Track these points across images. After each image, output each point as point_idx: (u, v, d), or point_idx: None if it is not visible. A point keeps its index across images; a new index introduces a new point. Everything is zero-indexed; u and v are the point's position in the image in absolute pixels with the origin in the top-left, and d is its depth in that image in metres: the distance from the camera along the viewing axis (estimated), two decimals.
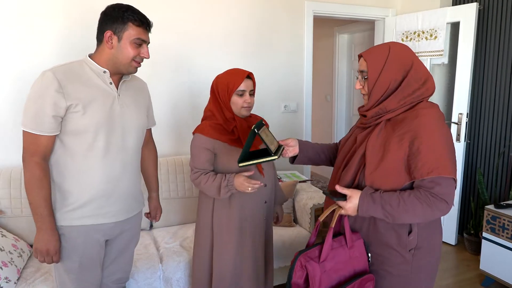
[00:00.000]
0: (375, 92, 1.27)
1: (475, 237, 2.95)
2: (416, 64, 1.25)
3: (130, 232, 1.63)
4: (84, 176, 1.42)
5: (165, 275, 2.07)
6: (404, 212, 1.17)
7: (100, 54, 1.42)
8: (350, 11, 3.29)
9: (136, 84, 1.60)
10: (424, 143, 1.16)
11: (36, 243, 1.38)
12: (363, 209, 1.20)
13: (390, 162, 1.20)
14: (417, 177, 1.16)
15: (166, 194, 2.51)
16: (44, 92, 1.32)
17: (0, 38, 2.26)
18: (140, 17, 1.39)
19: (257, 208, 1.73)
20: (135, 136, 1.54)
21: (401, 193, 1.19)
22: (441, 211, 1.18)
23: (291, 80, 3.17)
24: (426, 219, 1.19)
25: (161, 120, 2.67)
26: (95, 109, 1.39)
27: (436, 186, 1.16)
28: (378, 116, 1.28)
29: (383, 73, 1.24)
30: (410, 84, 1.24)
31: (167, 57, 2.70)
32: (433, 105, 1.26)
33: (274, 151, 1.40)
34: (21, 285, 1.83)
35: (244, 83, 1.65)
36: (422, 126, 1.19)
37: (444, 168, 1.14)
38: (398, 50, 1.26)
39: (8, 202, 2.16)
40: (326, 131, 5.03)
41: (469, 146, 3.12)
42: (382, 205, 1.18)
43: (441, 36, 3.00)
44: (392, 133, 1.23)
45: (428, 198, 1.16)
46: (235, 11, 2.86)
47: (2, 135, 2.33)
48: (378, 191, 1.21)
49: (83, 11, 2.39)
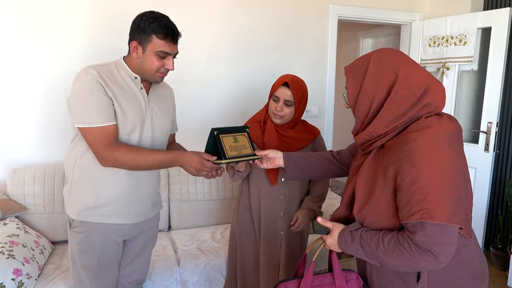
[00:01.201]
0: (357, 114, 1.08)
1: (502, 252, 2.83)
2: (404, 75, 0.99)
3: (148, 233, 1.64)
4: (110, 177, 1.43)
5: (182, 278, 2.06)
6: (385, 258, 0.98)
7: (131, 60, 1.44)
8: (376, 15, 3.22)
9: (164, 90, 1.61)
10: (407, 178, 0.92)
11: (189, 171, 1.38)
12: (341, 246, 1.07)
13: (379, 201, 1.01)
14: (400, 220, 0.96)
15: (185, 196, 2.51)
16: (94, 85, 1.33)
17: (23, 40, 2.30)
18: (165, 30, 1.35)
19: (271, 220, 1.73)
20: (159, 141, 1.55)
21: (383, 235, 0.99)
22: (428, 264, 0.93)
23: (313, 84, 3.12)
24: (411, 268, 0.97)
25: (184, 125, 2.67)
26: (130, 111, 1.41)
27: (419, 232, 0.91)
28: (368, 143, 1.07)
29: (362, 91, 1.04)
30: (397, 103, 0.99)
31: (192, 63, 2.69)
32: (431, 125, 0.97)
33: (230, 156, 1.38)
34: (41, 281, 1.85)
35: (280, 90, 1.64)
36: (406, 156, 0.94)
37: (429, 212, 0.89)
38: (380, 59, 1.03)
39: (32, 199, 2.20)
40: (347, 136, 4.95)
41: (498, 157, 3.00)
42: (361, 245, 1.02)
43: (471, 42, 2.89)
44: (381, 164, 1.03)
45: (410, 246, 0.93)
46: (259, 15, 2.85)
47: (28, 133, 2.39)
48: (361, 229, 1.04)
49: (110, 12, 2.41)
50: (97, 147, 1.35)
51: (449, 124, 0.99)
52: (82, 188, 1.45)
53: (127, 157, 1.36)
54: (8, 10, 2.24)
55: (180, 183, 2.51)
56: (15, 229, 1.97)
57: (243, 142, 1.45)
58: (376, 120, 1.03)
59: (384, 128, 1.02)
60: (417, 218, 0.90)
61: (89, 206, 1.44)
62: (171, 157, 1.41)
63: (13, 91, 2.32)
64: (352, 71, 1.08)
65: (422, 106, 1.00)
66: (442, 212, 0.89)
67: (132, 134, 1.43)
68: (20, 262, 1.76)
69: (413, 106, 0.99)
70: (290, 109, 1.64)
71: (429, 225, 0.90)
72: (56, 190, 2.23)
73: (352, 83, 1.07)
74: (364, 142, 1.08)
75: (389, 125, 1.01)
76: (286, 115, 1.65)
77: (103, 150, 1.34)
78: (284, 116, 1.65)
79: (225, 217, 2.61)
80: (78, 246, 1.47)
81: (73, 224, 1.47)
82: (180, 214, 2.51)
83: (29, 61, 2.33)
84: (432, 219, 0.89)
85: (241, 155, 1.42)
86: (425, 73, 1.03)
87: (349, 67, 1.11)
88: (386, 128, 1.02)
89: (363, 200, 1.06)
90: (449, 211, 0.90)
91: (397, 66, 1.01)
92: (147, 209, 1.57)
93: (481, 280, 1.08)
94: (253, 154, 1.46)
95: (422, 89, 1.00)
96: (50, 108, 2.38)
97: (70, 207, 1.47)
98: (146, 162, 1.39)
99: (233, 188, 2.64)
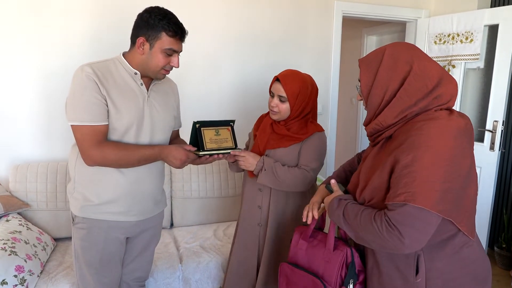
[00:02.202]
0: (370, 105, 1.09)
1: (507, 251, 2.81)
2: (418, 67, 1.01)
3: (152, 231, 1.63)
4: (112, 176, 1.42)
5: (184, 275, 2.05)
6: (359, 230, 1.01)
7: (133, 56, 1.42)
8: (381, 12, 3.19)
9: (166, 85, 1.59)
10: (402, 161, 0.94)
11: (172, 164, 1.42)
12: (328, 211, 1.15)
13: (374, 183, 1.03)
14: (386, 201, 0.96)
15: (187, 193, 2.50)
16: (87, 83, 1.32)
17: (23, 37, 2.29)
18: (175, 28, 1.36)
19: (249, 212, 1.76)
20: (161, 137, 1.53)
21: (365, 209, 1.02)
22: (393, 244, 0.93)
23: (317, 81, 3.05)
24: (379, 245, 0.98)
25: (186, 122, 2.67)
26: (125, 109, 1.39)
27: (395, 210, 0.93)
28: (378, 134, 1.09)
29: (376, 82, 1.05)
30: (409, 93, 1.01)
31: (196, 58, 2.68)
32: (439, 116, 0.98)
33: (208, 148, 1.46)
34: (43, 278, 1.85)
35: (273, 85, 1.64)
36: (408, 141, 0.95)
37: (413, 194, 0.89)
38: (395, 51, 1.05)
39: (34, 196, 2.19)
40: (350, 134, 4.93)
41: (504, 156, 2.97)
42: (343, 214, 1.07)
43: (477, 39, 2.86)
44: (384, 152, 1.05)
45: (382, 222, 0.94)
46: (262, 12, 2.82)
47: (30, 129, 2.38)
48: (349, 200, 1.10)
49: (111, 8, 2.39)
50: (84, 145, 1.34)
51: (458, 120, 0.99)
52: (84, 186, 1.44)
53: (115, 154, 1.36)
54: (10, 7, 2.23)
55: (183, 180, 2.50)
56: (17, 226, 1.97)
57: (225, 136, 1.51)
58: (387, 109, 1.04)
59: (394, 118, 1.03)
60: (401, 200, 0.91)
61: (91, 203, 1.43)
62: (157, 150, 1.43)
63: (15, 88, 2.31)
64: (367, 63, 1.10)
65: (433, 97, 1.01)
66: (427, 197, 0.90)
67: (127, 133, 1.41)
68: (23, 258, 1.76)
69: (424, 97, 1.01)
70: (285, 105, 1.60)
71: (409, 206, 0.91)
72: (59, 186, 2.23)
73: (366, 74, 1.09)
74: (374, 132, 1.10)
75: (399, 115, 1.03)
76: (282, 111, 1.62)
77: (90, 149, 1.34)
78: (280, 112, 1.62)
79: (227, 214, 2.60)
80: (81, 242, 1.46)
81: (76, 220, 1.47)
82: (183, 212, 2.50)
83: (31, 57, 2.31)
84: (415, 202, 0.90)
85: (220, 148, 1.49)
86: (438, 67, 1.04)
87: (363, 59, 1.12)
88: (396, 118, 1.03)
89: (363, 185, 1.08)
90: (435, 198, 0.90)
91: (411, 58, 1.03)
92: (150, 207, 1.56)
93: (482, 282, 1.06)
94: (233, 148, 1.52)
95: (435, 81, 1.01)
96: (52, 104, 2.37)
97: (73, 203, 1.47)
98: (134, 157, 1.39)
99: (236, 186, 2.62)
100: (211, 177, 2.57)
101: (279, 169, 1.60)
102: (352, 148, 4.90)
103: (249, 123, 2.86)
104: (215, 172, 2.59)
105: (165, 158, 1.44)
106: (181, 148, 1.44)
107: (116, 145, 1.38)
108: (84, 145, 1.34)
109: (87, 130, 1.33)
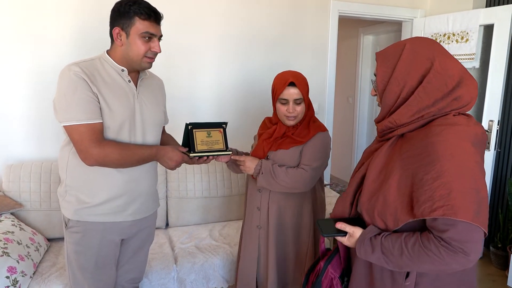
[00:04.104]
0: (385, 101, 1.04)
1: (502, 251, 2.81)
2: (439, 64, 0.96)
3: (146, 231, 1.62)
4: (105, 176, 1.40)
5: (179, 276, 2.04)
6: (411, 263, 0.93)
7: (115, 51, 1.40)
8: (377, 12, 3.19)
9: (153, 81, 1.58)
10: (430, 172, 0.89)
11: (166, 164, 1.44)
12: (361, 254, 1.01)
13: (390, 192, 0.96)
14: (417, 216, 0.89)
15: (183, 193, 2.49)
16: (77, 82, 1.30)
17: (15, 35, 2.26)
18: (147, 10, 1.33)
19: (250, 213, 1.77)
20: (154, 134, 1.52)
21: (406, 239, 0.94)
22: (459, 264, 0.89)
23: (313, 81, 3.09)
24: (440, 270, 0.93)
25: (182, 122, 2.65)
26: (117, 107, 1.37)
27: (451, 229, 0.87)
28: (389, 131, 1.05)
29: (393, 77, 1.00)
30: (428, 92, 0.96)
31: (193, 58, 2.66)
32: (458, 122, 0.94)
33: (199, 150, 1.47)
34: (36, 279, 1.83)
35: (286, 91, 1.57)
36: (429, 150, 0.91)
37: (453, 208, 0.85)
38: (416, 46, 1.00)
39: (27, 196, 2.17)
40: (347, 133, 4.93)
41: (499, 155, 2.97)
42: (383, 253, 0.97)
43: (473, 39, 2.86)
44: (398, 154, 0.99)
45: (438, 248, 0.89)
46: (259, 11, 2.81)
47: (22, 129, 2.36)
48: (380, 235, 0.98)
49: (96, 6, 2.37)
50: (84, 144, 1.30)
51: (476, 127, 0.96)
52: (77, 188, 1.41)
53: (117, 153, 1.34)
54: (1, 6, 2.20)
55: (178, 180, 2.49)
56: (10, 226, 1.95)
57: (217, 138, 1.52)
58: (403, 107, 0.99)
59: (410, 117, 0.99)
60: (440, 214, 0.86)
61: (86, 205, 1.41)
62: (154, 151, 1.43)
63: (8, 86, 2.29)
64: (384, 56, 1.04)
65: (453, 99, 0.96)
66: (467, 210, 0.85)
67: (121, 131, 1.39)
68: (15, 259, 1.73)
69: (443, 97, 0.96)
70: (301, 106, 1.59)
71: (457, 222, 0.86)
72: (52, 186, 2.21)
73: (383, 68, 1.03)
74: (386, 129, 1.05)
75: (415, 114, 0.98)
76: (299, 114, 1.60)
77: (91, 147, 1.30)
78: (298, 115, 1.61)
79: (223, 214, 2.59)
80: (75, 246, 1.43)
81: (69, 224, 1.44)
82: (178, 212, 2.49)
83: (22, 56, 2.29)
84: (456, 215, 0.85)
85: (211, 150, 1.50)
86: (460, 66, 0.99)
87: (381, 53, 1.07)
88: (412, 118, 0.98)
89: (373, 188, 1.01)
90: (474, 210, 0.86)
91: (432, 55, 0.98)
92: (145, 206, 1.54)
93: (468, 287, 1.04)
94: (224, 150, 1.53)
95: (456, 81, 0.96)
96: (44, 103, 2.34)
97: (66, 206, 1.44)
98: (134, 158, 1.38)
99: (232, 186, 2.61)
100: (207, 177, 2.55)
101: (277, 170, 1.58)
102: (349, 148, 4.90)
103: (247, 122, 2.86)
104: (211, 172, 2.58)
105: (160, 159, 1.44)
106: (177, 149, 1.45)
107: (117, 144, 1.36)
108: (84, 145, 1.30)
109: (85, 129, 1.30)
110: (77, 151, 1.34)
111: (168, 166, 1.44)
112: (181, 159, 1.44)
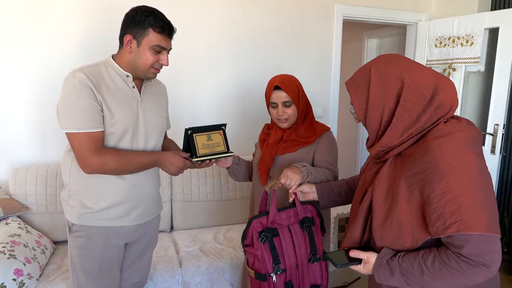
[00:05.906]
0: (369, 128, 1.03)
1: (508, 256, 2.79)
2: (410, 80, 0.95)
3: (149, 235, 1.63)
4: (109, 181, 1.41)
5: (183, 279, 2.05)
6: (433, 281, 0.93)
7: (122, 57, 1.40)
8: (381, 15, 3.19)
9: (156, 87, 1.58)
10: (436, 189, 0.88)
11: (168, 170, 1.45)
12: (380, 279, 0.99)
13: (402, 214, 0.95)
14: (433, 234, 0.90)
15: (188, 196, 2.49)
16: (82, 90, 1.30)
17: (18, 39, 2.29)
18: (162, 24, 1.34)
19: None
20: (156, 140, 1.53)
21: (424, 257, 0.93)
22: (482, 276, 0.89)
23: (317, 85, 3.10)
24: (463, 284, 0.92)
25: (183, 126, 2.67)
26: (121, 113, 1.38)
27: (466, 245, 0.87)
28: (383, 153, 1.03)
29: (370, 104, 0.99)
30: (408, 109, 0.95)
31: (194, 62, 2.68)
32: (452, 130, 0.93)
33: (201, 154, 1.46)
34: (42, 282, 1.84)
35: (274, 95, 1.60)
36: (432, 166, 0.90)
37: (466, 222, 0.85)
38: (381, 68, 0.99)
39: (34, 199, 2.19)
40: (351, 138, 4.92)
41: (505, 159, 2.96)
42: (402, 274, 0.95)
43: (478, 42, 2.85)
44: (400, 173, 0.98)
45: (459, 264, 0.89)
46: (262, 14, 2.82)
47: (30, 132, 2.38)
48: (397, 257, 0.97)
49: (103, 10, 2.39)
50: (83, 153, 1.31)
51: (469, 129, 0.96)
52: (80, 193, 1.42)
53: (115, 161, 1.34)
54: (5, 10, 2.23)
55: (183, 183, 2.50)
56: (16, 229, 1.97)
57: (217, 140, 1.51)
58: (389, 130, 0.99)
59: (399, 137, 0.98)
60: (454, 231, 0.86)
61: (89, 210, 1.41)
62: (155, 157, 1.43)
63: (12, 91, 2.31)
64: (355, 85, 1.04)
65: (435, 107, 0.95)
66: (480, 221, 0.85)
67: (124, 137, 1.40)
68: (21, 262, 1.75)
69: (425, 109, 0.95)
70: (291, 108, 1.60)
71: (472, 236, 0.86)
72: (58, 190, 2.22)
73: (357, 97, 1.03)
74: (379, 153, 1.04)
75: (404, 133, 0.97)
76: (291, 116, 1.61)
77: (90, 156, 1.31)
78: (289, 118, 1.61)
79: (228, 218, 2.59)
80: (79, 250, 1.44)
81: (73, 228, 1.44)
82: (183, 215, 2.49)
83: (27, 61, 2.31)
84: (470, 229, 0.85)
85: (213, 153, 1.49)
86: (431, 72, 0.99)
87: (350, 82, 1.06)
88: (401, 137, 0.98)
89: (384, 213, 0.99)
90: (487, 220, 0.86)
91: (400, 72, 0.97)
92: (148, 210, 1.55)
93: None
94: (225, 152, 1.52)
95: (431, 89, 0.95)
96: (48, 107, 2.35)
97: (69, 211, 1.44)
98: (133, 165, 1.38)
99: (236, 189, 2.62)
100: (211, 180, 2.56)
101: (314, 169, 1.52)
102: (353, 151, 4.89)
103: (247, 126, 2.87)
104: (216, 175, 2.59)
105: (162, 165, 1.44)
106: (178, 155, 1.45)
107: (116, 152, 1.36)
108: (83, 153, 1.31)
109: (85, 137, 1.30)
110: (76, 158, 1.34)
111: (169, 171, 1.44)
112: (182, 164, 1.44)
